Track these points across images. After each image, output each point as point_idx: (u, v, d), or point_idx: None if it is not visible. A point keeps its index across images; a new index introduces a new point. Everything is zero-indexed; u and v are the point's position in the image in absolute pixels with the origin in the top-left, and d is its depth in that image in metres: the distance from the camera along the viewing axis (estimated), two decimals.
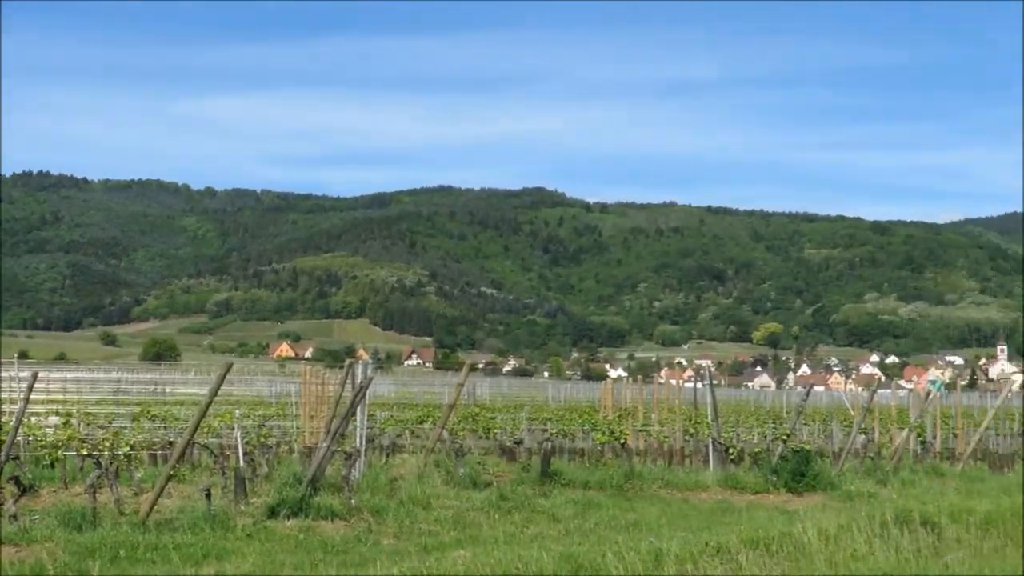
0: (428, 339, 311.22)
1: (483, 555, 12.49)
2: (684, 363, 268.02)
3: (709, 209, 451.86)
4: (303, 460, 22.62)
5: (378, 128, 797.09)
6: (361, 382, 20.44)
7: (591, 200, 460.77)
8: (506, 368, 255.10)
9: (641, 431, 30.93)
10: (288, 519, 16.66)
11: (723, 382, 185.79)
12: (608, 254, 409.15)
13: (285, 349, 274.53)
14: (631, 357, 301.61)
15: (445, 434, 25.24)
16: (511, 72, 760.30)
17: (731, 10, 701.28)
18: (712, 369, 55.34)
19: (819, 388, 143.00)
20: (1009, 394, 47.92)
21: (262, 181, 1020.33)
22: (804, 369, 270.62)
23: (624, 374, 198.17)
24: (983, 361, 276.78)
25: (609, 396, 36.38)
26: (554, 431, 31.32)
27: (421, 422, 36.07)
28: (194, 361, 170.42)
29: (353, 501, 17.75)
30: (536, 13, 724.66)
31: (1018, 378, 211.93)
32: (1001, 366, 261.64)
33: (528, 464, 24.86)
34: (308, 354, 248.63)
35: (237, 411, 28.89)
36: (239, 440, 20.70)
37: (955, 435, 32.75)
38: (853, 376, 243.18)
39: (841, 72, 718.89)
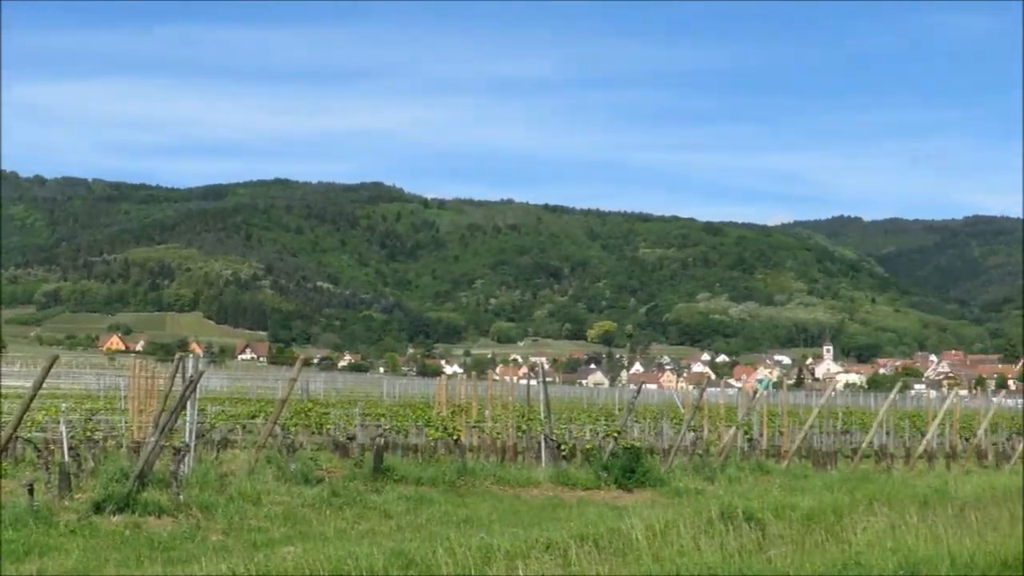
0: (263, 333, 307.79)
1: (313, 551, 12.41)
2: (520, 360, 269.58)
3: (546, 207, 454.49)
4: (131, 455, 22.24)
5: (214, 119, 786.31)
6: (191, 376, 20.16)
7: (429, 196, 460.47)
8: (341, 363, 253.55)
9: (475, 427, 31.00)
10: (114, 515, 16.36)
11: (558, 379, 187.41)
12: (445, 250, 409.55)
13: (115, 342, 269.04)
14: (467, 354, 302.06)
15: (277, 429, 25.03)
16: (349, 67, 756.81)
17: (570, 10, 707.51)
18: (546, 366, 55.75)
19: (651, 386, 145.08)
20: (833, 393, 49.22)
21: (94, 170, 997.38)
22: (637, 367, 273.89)
23: (460, 370, 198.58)
24: (810, 361, 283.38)
25: (443, 392, 36.38)
26: (388, 427, 31.29)
27: (253, 417, 35.80)
28: (19, 353, 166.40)
29: (181, 497, 17.50)
30: (375, 8, 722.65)
31: (843, 378, 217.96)
32: (827, 366, 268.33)
33: (361, 460, 24.79)
34: (139, 347, 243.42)
35: (63, 405, 28.30)
36: (64, 434, 20.27)
37: (781, 433, 33.47)
38: (685, 374, 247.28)
39: (675, 74, 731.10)
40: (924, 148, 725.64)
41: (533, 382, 33.94)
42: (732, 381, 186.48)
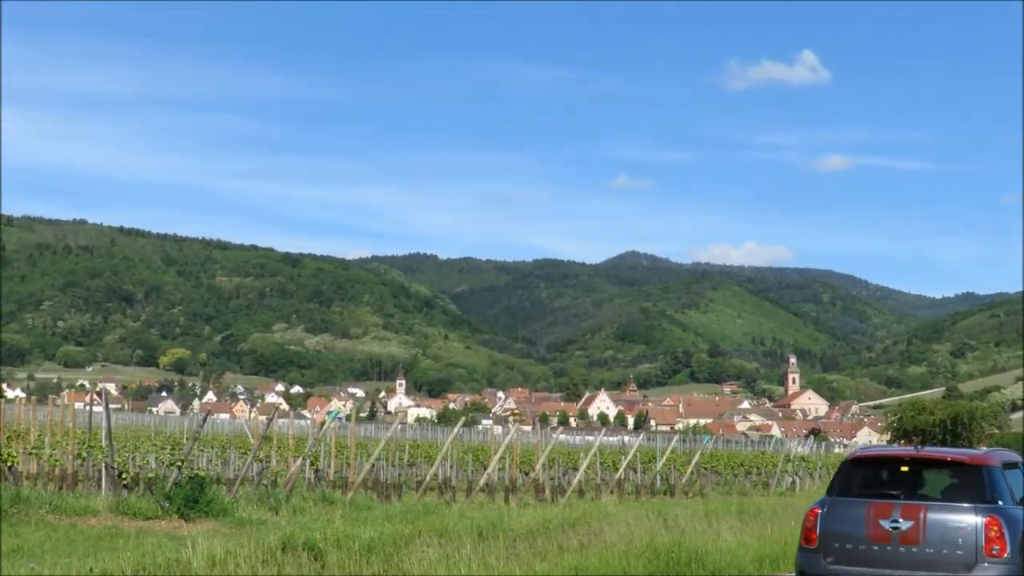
0: None
1: None
2: (87, 385, 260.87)
3: (121, 230, 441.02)
4: None
5: None
6: None
7: None
8: None
9: (32, 454, 29.96)
10: None
11: (127, 406, 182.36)
12: (11, 269, 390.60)
13: None
14: (31, 378, 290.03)
15: None
16: None
17: (150, 28, 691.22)
18: (115, 392, 54.35)
19: (224, 416, 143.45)
20: (401, 426, 50.13)
21: None
22: (211, 396, 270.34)
23: (22, 395, 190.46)
24: (383, 394, 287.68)
25: (1, 418, 34.87)
26: None
27: None
28: None
29: None
30: None
31: (414, 412, 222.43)
32: (399, 399, 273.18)
33: None
34: None
35: None
36: None
37: (348, 465, 33.84)
38: (259, 404, 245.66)
39: (256, 102, 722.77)
40: (495, 190, 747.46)
41: (98, 408, 33.05)
42: (305, 412, 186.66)
